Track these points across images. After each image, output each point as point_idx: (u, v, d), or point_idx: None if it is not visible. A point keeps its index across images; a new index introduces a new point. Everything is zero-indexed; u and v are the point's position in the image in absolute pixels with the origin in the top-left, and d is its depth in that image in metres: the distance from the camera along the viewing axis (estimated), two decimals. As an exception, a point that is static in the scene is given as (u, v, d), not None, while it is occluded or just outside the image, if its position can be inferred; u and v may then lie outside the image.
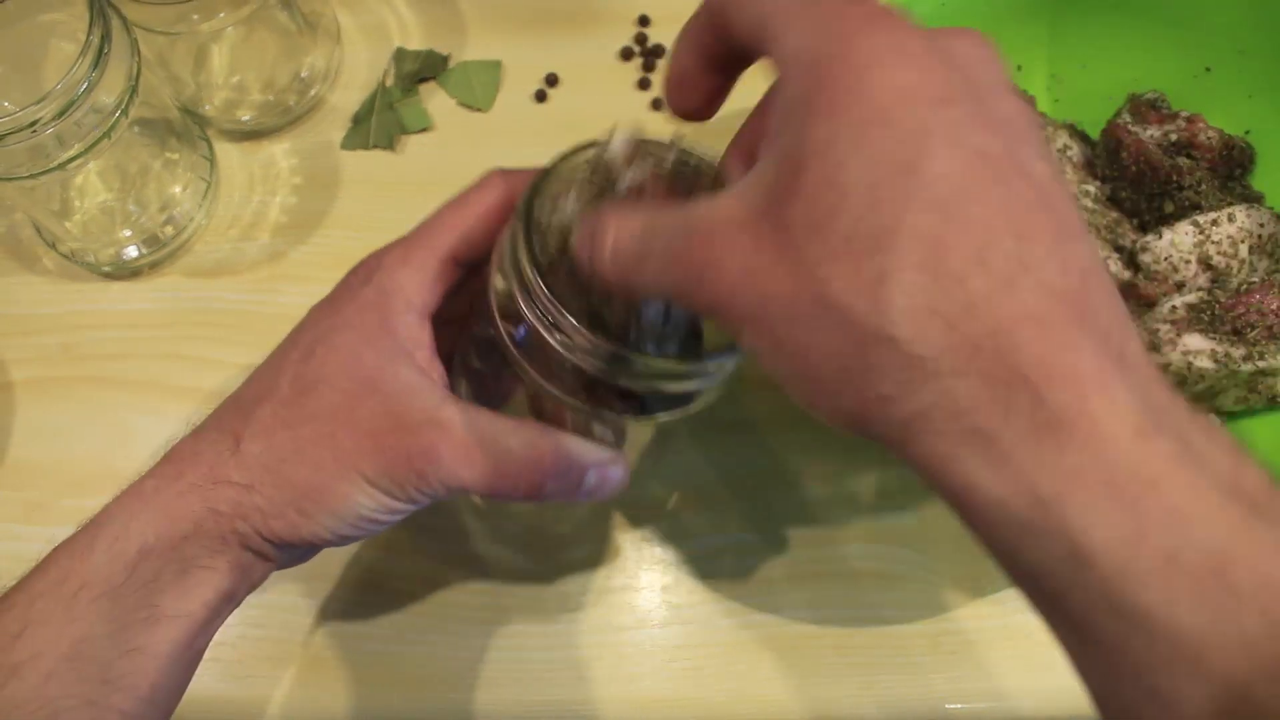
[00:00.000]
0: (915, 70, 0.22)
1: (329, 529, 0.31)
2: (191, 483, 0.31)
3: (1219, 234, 0.42)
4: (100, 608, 0.29)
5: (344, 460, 0.31)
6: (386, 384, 0.32)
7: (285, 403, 0.32)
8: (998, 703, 0.44)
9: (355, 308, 0.33)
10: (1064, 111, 0.50)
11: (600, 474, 0.33)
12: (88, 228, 0.51)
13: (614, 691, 0.44)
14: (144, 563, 0.30)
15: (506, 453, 0.31)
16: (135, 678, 0.29)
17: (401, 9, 0.59)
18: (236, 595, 0.32)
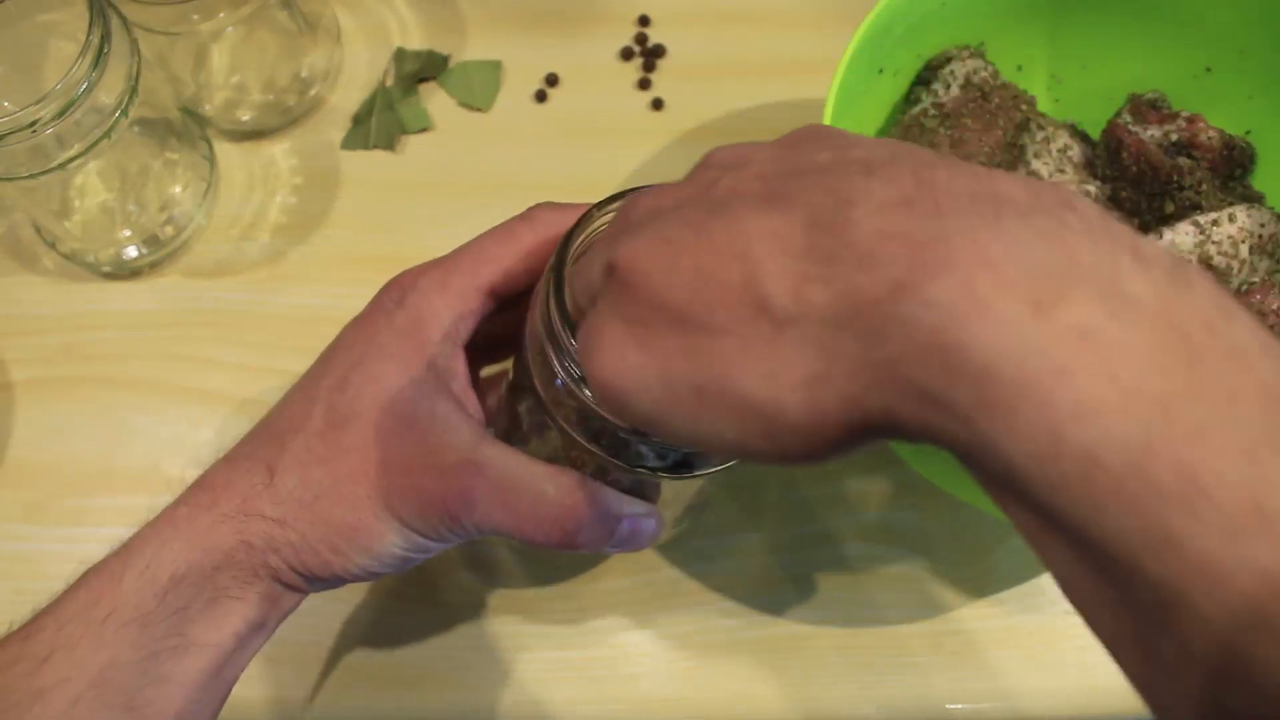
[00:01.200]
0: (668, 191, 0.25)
1: (360, 565, 0.31)
2: (224, 513, 0.31)
3: (1219, 234, 0.42)
4: (129, 635, 0.29)
5: (379, 500, 0.31)
6: (422, 420, 0.31)
7: (319, 435, 0.32)
8: (998, 703, 0.44)
9: (390, 334, 0.32)
10: (1064, 112, 0.50)
11: (634, 525, 0.32)
12: (88, 228, 0.51)
13: (614, 691, 0.44)
14: (174, 591, 0.30)
15: (541, 499, 0.31)
16: (162, 705, 0.29)
17: (401, 9, 0.59)
18: (267, 625, 0.32)
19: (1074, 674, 0.44)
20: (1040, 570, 0.47)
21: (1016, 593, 0.46)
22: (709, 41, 0.58)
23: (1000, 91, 0.45)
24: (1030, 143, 0.46)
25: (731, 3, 0.59)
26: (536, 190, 0.38)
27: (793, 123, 0.61)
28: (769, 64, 0.58)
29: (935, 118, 0.44)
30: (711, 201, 0.23)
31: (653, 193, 0.25)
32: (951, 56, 0.46)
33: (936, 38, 0.46)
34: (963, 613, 0.46)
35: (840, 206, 0.21)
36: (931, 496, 0.48)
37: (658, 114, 0.56)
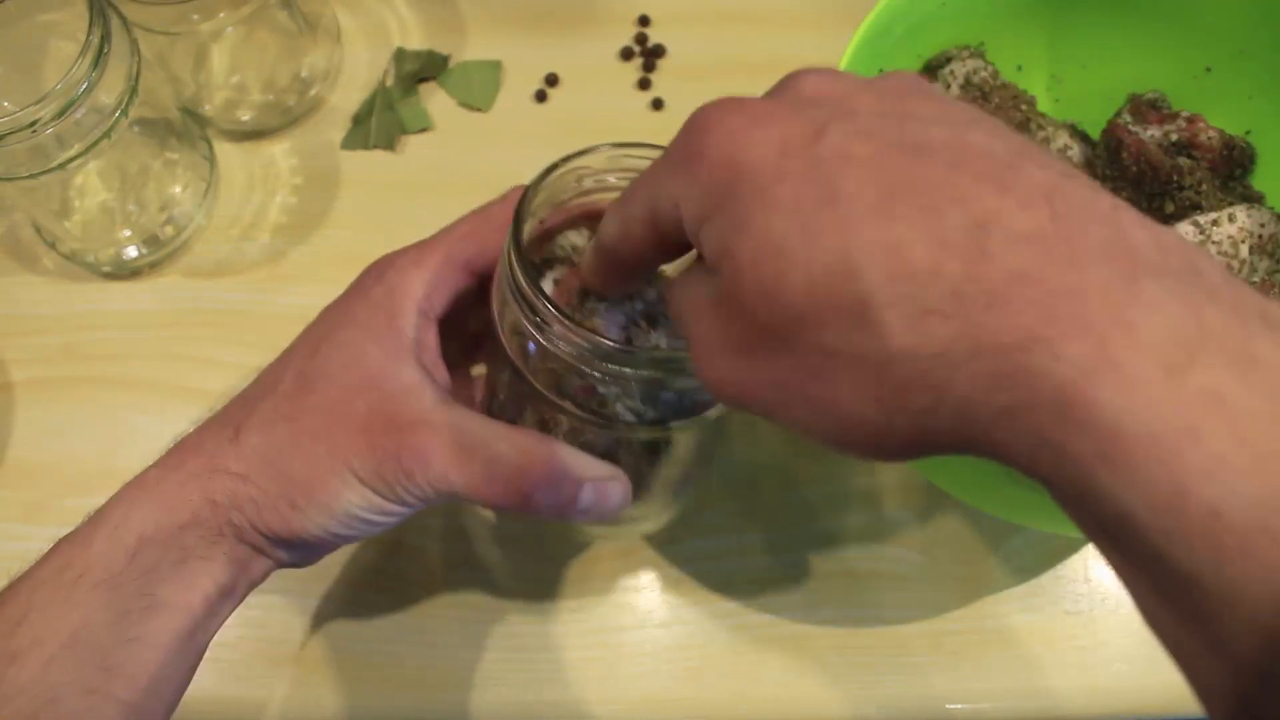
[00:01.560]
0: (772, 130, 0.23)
1: (320, 525, 0.31)
2: (191, 472, 0.31)
3: (1219, 234, 0.42)
4: (100, 595, 0.29)
5: (337, 455, 0.31)
6: (386, 382, 0.32)
7: (287, 396, 0.32)
8: (998, 703, 0.44)
9: (364, 306, 0.34)
10: (1064, 111, 0.50)
11: (598, 490, 0.31)
12: (88, 228, 0.51)
13: (614, 691, 0.44)
14: (143, 551, 0.30)
15: (497, 458, 0.31)
16: (134, 666, 0.29)
17: (401, 9, 0.59)
18: (236, 590, 0.32)
19: (1074, 674, 0.44)
20: (1040, 570, 0.47)
21: (1016, 593, 0.46)
22: (709, 41, 0.58)
23: (1000, 91, 0.45)
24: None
25: (731, 3, 0.59)
26: (536, 190, 0.38)
27: (793, 123, 0.61)
28: (769, 64, 0.57)
29: (935, 118, 0.44)
30: (822, 178, 0.22)
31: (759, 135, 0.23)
32: (951, 56, 0.46)
33: (936, 38, 0.46)
34: (963, 613, 0.46)
35: (974, 230, 0.20)
36: (931, 496, 0.48)
37: (658, 114, 0.56)
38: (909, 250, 0.20)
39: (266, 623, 0.45)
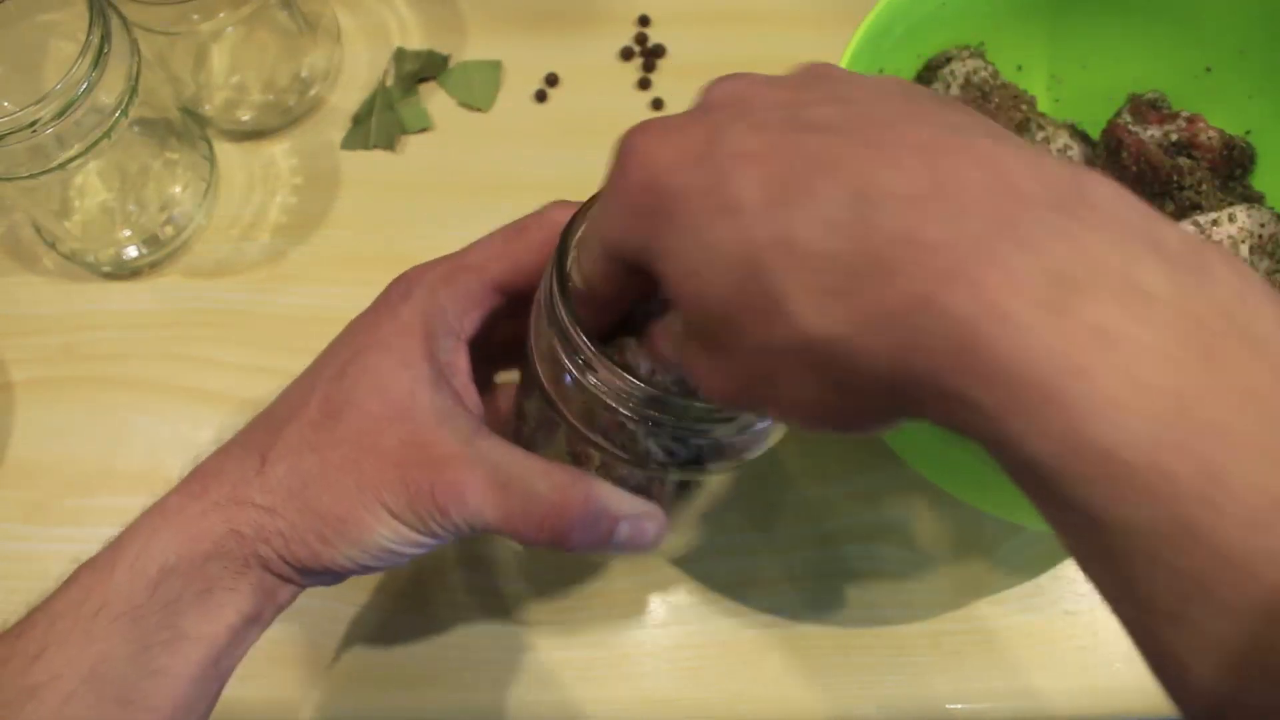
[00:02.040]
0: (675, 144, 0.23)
1: (349, 558, 0.31)
2: (215, 501, 0.30)
3: (1220, 234, 0.42)
4: (121, 628, 0.29)
5: (367, 490, 0.30)
6: (417, 411, 0.31)
7: (313, 424, 0.31)
8: (998, 703, 0.44)
9: (393, 327, 0.32)
10: (1064, 111, 0.50)
11: (634, 526, 0.31)
12: (88, 228, 0.51)
13: (614, 691, 0.44)
14: (165, 582, 0.29)
15: (533, 496, 0.30)
16: (157, 699, 0.29)
17: (401, 9, 0.59)
18: (262, 617, 0.31)
19: (1074, 674, 0.44)
20: (1040, 570, 0.47)
21: (1016, 593, 0.46)
22: (709, 41, 0.58)
23: (1000, 91, 0.45)
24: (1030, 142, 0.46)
25: (731, 3, 0.59)
26: (536, 190, 0.38)
27: (793, 123, 0.61)
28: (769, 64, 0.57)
29: (935, 118, 0.44)
30: (718, 185, 0.22)
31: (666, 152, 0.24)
32: (951, 56, 0.46)
33: (936, 38, 0.46)
34: (962, 613, 0.46)
35: (855, 203, 0.20)
36: (931, 496, 0.48)
37: (658, 114, 0.56)
38: (800, 238, 0.21)
39: (266, 623, 0.45)
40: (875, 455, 0.48)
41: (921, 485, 0.48)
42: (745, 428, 0.30)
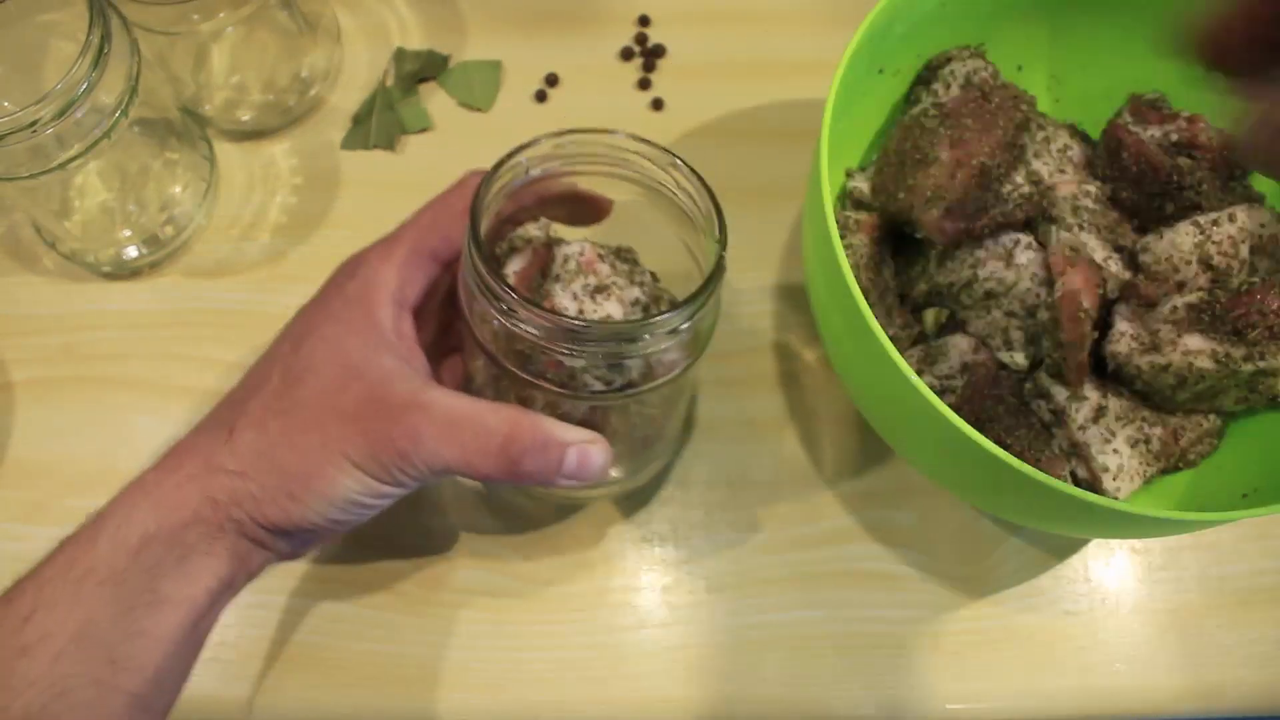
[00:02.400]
0: None
1: (319, 513, 0.32)
2: (189, 473, 0.32)
3: (1219, 234, 0.42)
4: (105, 592, 0.30)
5: (330, 445, 0.32)
6: (370, 371, 0.33)
7: (276, 393, 0.33)
8: (998, 703, 0.44)
9: (341, 301, 0.35)
10: (1064, 112, 0.50)
11: (581, 453, 0.33)
12: (88, 228, 0.51)
13: (614, 692, 0.44)
14: (146, 550, 0.31)
15: (485, 429, 0.32)
16: (140, 659, 0.30)
17: (401, 9, 0.59)
18: (235, 583, 0.33)
19: (1074, 674, 0.45)
20: (1040, 570, 0.47)
21: (1016, 593, 0.46)
22: (709, 41, 0.58)
23: (1000, 91, 0.45)
24: (1030, 142, 0.46)
25: (731, 3, 0.59)
26: (536, 190, 0.38)
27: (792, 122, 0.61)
28: (769, 64, 0.58)
29: (935, 118, 0.44)
30: None
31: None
32: (952, 56, 0.46)
33: (937, 37, 0.46)
34: (962, 613, 0.46)
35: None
36: (931, 496, 0.48)
37: (658, 114, 0.56)
38: None
39: (266, 623, 0.45)
40: (875, 455, 0.48)
41: (922, 485, 0.48)
42: (671, 334, 0.32)
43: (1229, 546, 0.47)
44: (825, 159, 0.37)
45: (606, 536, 0.47)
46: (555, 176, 0.36)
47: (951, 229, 0.42)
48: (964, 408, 0.42)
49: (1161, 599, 0.46)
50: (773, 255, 0.53)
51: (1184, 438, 0.42)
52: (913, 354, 0.44)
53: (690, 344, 0.34)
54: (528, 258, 0.36)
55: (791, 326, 0.51)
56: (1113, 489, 0.41)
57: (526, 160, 0.35)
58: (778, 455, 0.48)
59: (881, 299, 0.44)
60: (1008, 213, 0.43)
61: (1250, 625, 0.45)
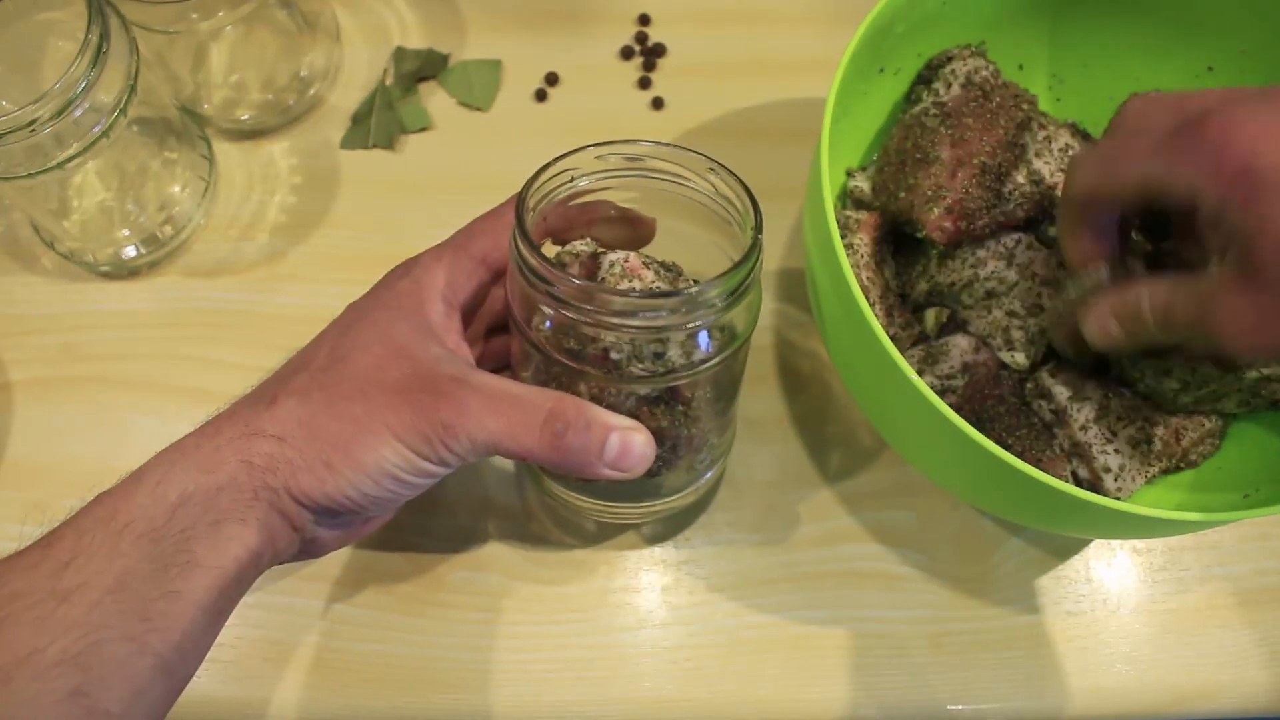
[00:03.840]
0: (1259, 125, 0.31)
1: (354, 485, 0.32)
2: (229, 438, 0.32)
3: (1220, 234, 0.42)
4: (143, 547, 0.30)
5: (374, 415, 0.32)
6: (418, 352, 0.34)
7: (321, 368, 0.34)
8: (999, 703, 0.44)
9: (391, 294, 0.36)
10: (1066, 111, 0.50)
11: (624, 439, 0.33)
12: (86, 227, 0.51)
13: (614, 692, 0.44)
14: (182, 509, 0.31)
15: (531, 404, 0.33)
16: (170, 620, 0.30)
17: (401, 8, 0.59)
18: (262, 559, 0.33)
19: (1075, 675, 0.44)
20: (1041, 570, 0.47)
21: (1016, 593, 0.46)
22: (709, 41, 0.58)
23: (1001, 91, 0.45)
24: (1032, 142, 0.45)
25: (731, 2, 0.59)
26: (536, 190, 0.38)
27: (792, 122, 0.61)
28: (769, 63, 0.57)
29: (936, 117, 0.44)
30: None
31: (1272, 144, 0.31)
32: (952, 55, 0.46)
33: (937, 37, 0.46)
34: (963, 613, 0.45)
35: None
36: (931, 496, 0.47)
37: (658, 113, 0.56)
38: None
39: (266, 623, 0.45)
40: (875, 455, 0.48)
41: (922, 485, 0.48)
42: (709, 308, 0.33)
43: (1230, 547, 0.47)
44: (826, 158, 0.37)
45: (606, 537, 0.47)
46: (598, 191, 0.37)
47: (952, 228, 0.42)
48: (965, 408, 0.42)
49: (1163, 599, 0.46)
50: (773, 254, 0.53)
51: (1185, 438, 0.42)
52: (913, 354, 0.44)
53: (728, 330, 0.35)
54: (575, 269, 0.37)
55: (792, 326, 0.51)
56: (1114, 489, 0.41)
57: (570, 168, 0.36)
58: (778, 455, 0.48)
59: (882, 299, 0.44)
60: (1009, 212, 0.43)
61: (1252, 625, 0.45)
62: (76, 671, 0.28)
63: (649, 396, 0.36)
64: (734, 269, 0.33)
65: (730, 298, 0.33)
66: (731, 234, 0.37)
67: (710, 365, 0.35)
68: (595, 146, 0.36)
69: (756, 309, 0.36)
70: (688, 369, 0.34)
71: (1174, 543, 0.47)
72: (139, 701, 0.29)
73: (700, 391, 0.37)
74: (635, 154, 0.36)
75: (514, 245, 0.34)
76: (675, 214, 0.38)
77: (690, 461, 0.40)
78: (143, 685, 0.29)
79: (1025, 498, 0.36)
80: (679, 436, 0.37)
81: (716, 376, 0.36)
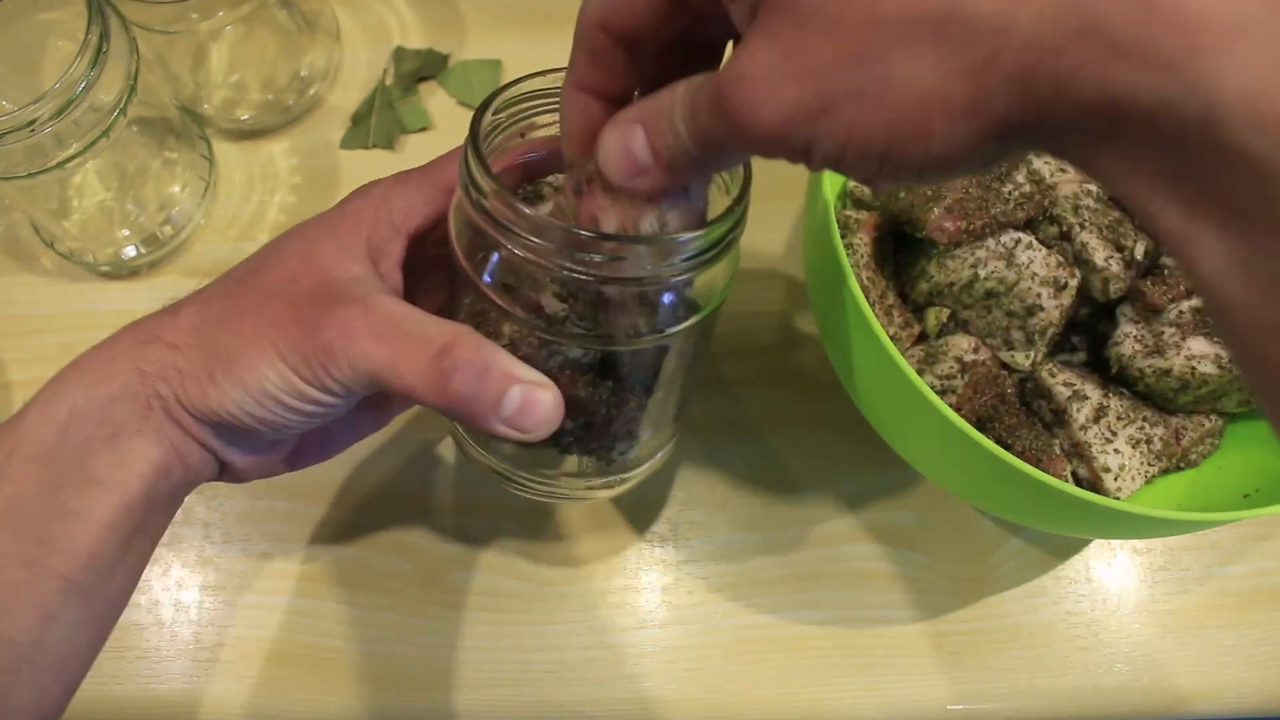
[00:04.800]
0: None
1: (235, 402, 0.30)
2: (125, 346, 0.31)
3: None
4: (32, 470, 0.29)
5: (262, 331, 0.30)
6: (334, 271, 0.31)
7: (236, 279, 0.32)
8: (999, 703, 0.44)
9: (339, 212, 0.33)
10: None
11: (526, 394, 0.29)
12: (86, 227, 0.51)
13: (614, 692, 0.44)
14: (74, 425, 0.29)
15: (422, 336, 0.29)
16: (72, 541, 0.28)
17: (401, 8, 0.59)
18: (171, 473, 0.31)
19: (1075, 674, 0.44)
20: (1041, 570, 0.47)
21: (1016, 593, 0.46)
22: (709, 40, 0.58)
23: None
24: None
25: (731, 2, 0.59)
26: (536, 190, 0.38)
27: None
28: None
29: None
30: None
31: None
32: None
33: (937, 37, 0.46)
34: (963, 613, 0.45)
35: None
36: (931, 496, 0.47)
37: (658, 113, 0.56)
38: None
39: (266, 623, 0.45)
40: (875, 455, 0.48)
41: (922, 485, 0.48)
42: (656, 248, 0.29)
43: (1230, 547, 0.47)
44: (826, 158, 0.37)
45: (606, 537, 0.47)
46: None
47: (952, 228, 0.42)
48: (965, 408, 0.42)
49: (1163, 599, 0.46)
50: (773, 254, 0.53)
51: (1185, 438, 0.42)
52: (913, 354, 0.44)
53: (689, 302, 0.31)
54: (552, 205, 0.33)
55: (792, 325, 0.51)
56: (1114, 489, 0.41)
57: (537, 89, 0.33)
58: (778, 455, 0.48)
59: (882, 299, 0.44)
60: (1008, 212, 0.43)
61: (1252, 625, 0.45)
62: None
63: (578, 361, 0.32)
64: (718, 219, 0.29)
65: (708, 252, 0.29)
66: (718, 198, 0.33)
67: (659, 337, 0.31)
68: (557, 70, 0.32)
69: (724, 289, 0.33)
70: (632, 336, 0.31)
71: (1174, 543, 0.47)
72: (50, 628, 0.28)
73: (638, 369, 0.33)
74: None
75: (464, 159, 0.30)
76: None
77: (611, 446, 0.36)
78: (52, 610, 0.28)
79: (1025, 498, 0.36)
80: (599, 415, 0.33)
81: (663, 358, 0.33)
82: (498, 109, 0.32)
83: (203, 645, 0.44)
